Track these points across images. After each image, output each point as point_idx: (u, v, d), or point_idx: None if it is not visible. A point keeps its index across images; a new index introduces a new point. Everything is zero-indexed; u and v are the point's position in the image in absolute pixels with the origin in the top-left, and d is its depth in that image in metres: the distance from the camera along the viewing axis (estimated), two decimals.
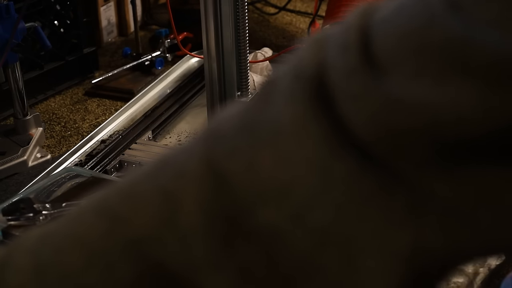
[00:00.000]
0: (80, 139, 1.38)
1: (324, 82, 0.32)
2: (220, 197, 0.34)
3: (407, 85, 0.29)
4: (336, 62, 0.31)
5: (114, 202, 0.37)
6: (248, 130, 0.34)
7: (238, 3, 1.10)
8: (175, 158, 0.37)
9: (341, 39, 0.32)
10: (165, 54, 1.70)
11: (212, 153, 0.35)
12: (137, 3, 1.86)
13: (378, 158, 0.30)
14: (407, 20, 0.30)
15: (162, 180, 0.36)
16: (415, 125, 0.29)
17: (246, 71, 1.16)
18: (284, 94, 0.33)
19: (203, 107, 1.33)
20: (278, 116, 0.33)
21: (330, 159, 0.31)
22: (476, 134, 0.28)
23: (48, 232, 0.40)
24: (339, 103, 0.31)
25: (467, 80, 0.27)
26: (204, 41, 1.12)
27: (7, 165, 1.28)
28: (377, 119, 0.30)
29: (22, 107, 1.37)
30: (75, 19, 1.61)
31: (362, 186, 0.31)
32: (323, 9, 1.70)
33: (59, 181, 1.05)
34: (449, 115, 0.28)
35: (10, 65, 1.32)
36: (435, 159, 0.29)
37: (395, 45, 0.30)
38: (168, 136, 1.42)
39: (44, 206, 0.90)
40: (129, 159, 1.29)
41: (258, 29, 1.98)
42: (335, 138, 0.31)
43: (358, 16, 0.33)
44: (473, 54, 0.27)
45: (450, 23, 0.28)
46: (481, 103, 0.27)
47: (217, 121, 0.37)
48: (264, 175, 0.33)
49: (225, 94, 1.16)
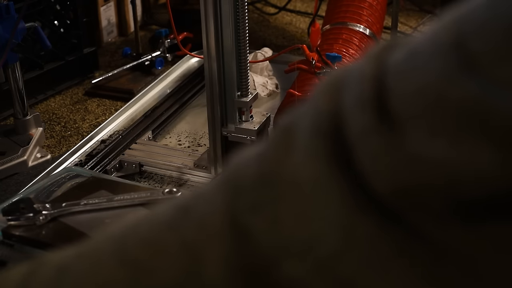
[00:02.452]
0: (80, 139, 1.38)
1: (342, 137, 0.32)
2: (242, 251, 0.34)
3: (424, 143, 0.29)
4: (353, 119, 0.32)
5: (135, 249, 0.38)
6: (268, 182, 0.34)
7: (238, 3, 1.10)
8: (195, 207, 0.37)
9: (357, 89, 0.32)
10: (165, 54, 1.70)
11: (233, 207, 0.35)
12: (137, 3, 1.86)
13: (396, 215, 0.31)
14: (422, 73, 0.30)
15: (184, 231, 0.36)
16: (433, 181, 0.29)
17: (246, 71, 1.16)
18: (302, 148, 0.33)
19: (203, 107, 1.33)
20: (298, 171, 0.33)
21: (350, 219, 0.32)
22: (493, 193, 0.28)
23: (67, 266, 0.40)
24: (358, 161, 0.31)
25: (483, 141, 0.27)
26: (204, 41, 1.11)
27: (7, 165, 1.28)
28: (395, 176, 0.30)
29: (22, 107, 1.37)
30: (75, 19, 1.61)
31: (383, 247, 0.31)
32: (323, 9, 1.70)
33: (59, 181, 1.05)
34: (465, 174, 0.28)
35: (10, 65, 1.32)
36: (453, 216, 0.30)
37: (411, 100, 0.30)
38: (168, 136, 1.42)
39: (44, 206, 0.90)
40: (129, 159, 1.29)
41: (258, 29, 1.97)
42: (353, 197, 0.31)
43: (373, 62, 0.32)
44: (489, 116, 0.27)
45: (467, 82, 0.28)
46: (498, 164, 0.27)
47: (235, 167, 0.37)
48: (287, 230, 0.33)
49: (225, 94, 1.16)
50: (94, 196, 0.94)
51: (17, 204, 0.90)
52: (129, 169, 1.28)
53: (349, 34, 1.48)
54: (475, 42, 0.28)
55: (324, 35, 1.47)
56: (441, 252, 0.31)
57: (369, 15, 1.53)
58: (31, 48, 1.49)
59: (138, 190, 0.96)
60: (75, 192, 0.97)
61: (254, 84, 1.46)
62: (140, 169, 1.28)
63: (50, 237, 0.87)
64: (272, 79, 1.55)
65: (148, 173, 1.27)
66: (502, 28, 0.27)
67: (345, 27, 1.50)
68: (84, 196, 0.94)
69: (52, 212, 0.90)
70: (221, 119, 1.18)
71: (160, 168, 1.27)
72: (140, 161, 1.28)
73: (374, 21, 1.54)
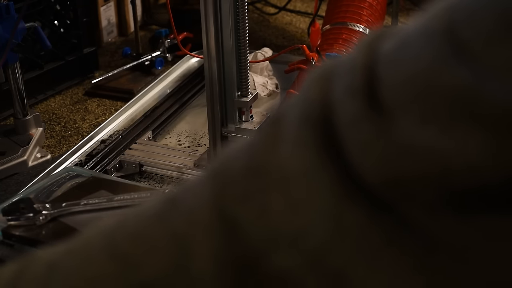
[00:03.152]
0: (80, 139, 1.38)
1: (331, 127, 0.32)
2: (231, 243, 0.34)
3: (415, 131, 0.29)
4: (343, 107, 0.31)
5: (124, 243, 0.38)
6: (256, 173, 0.34)
7: (238, 3, 1.10)
8: (184, 200, 0.37)
9: (347, 78, 0.32)
10: (165, 54, 1.70)
11: (221, 198, 0.35)
12: (137, 3, 1.86)
13: (387, 204, 0.30)
14: (414, 62, 0.29)
15: (172, 224, 0.36)
16: (424, 171, 0.29)
17: (246, 71, 1.16)
18: (291, 139, 0.33)
19: (203, 107, 1.33)
20: (286, 162, 0.33)
21: (339, 208, 0.31)
22: (486, 183, 0.28)
23: (57, 263, 0.40)
24: (347, 150, 0.31)
25: (475, 128, 0.27)
26: (204, 41, 1.11)
27: (7, 165, 1.28)
28: (386, 166, 0.30)
29: (22, 107, 1.37)
30: (75, 19, 1.61)
31: (372, 236, 0.31)
32: (323, 9, 1.70)
33: (59, 181, 1.05)
34: (457, 163, 0.28)
35: (10, 65, 1.32)
36: (444, 206, 0.29)
37: (402, 89, 0.29)
38: (168, 136, 1.42)
39: (44, 206, 0.90)
40: (129, 159, 1.29)
41: (258, 29, 1.97)
42: (343, 186, 0.31)
43: (364, 51, 0.32)
44: (482, 103, 0.27)
45: (459, 69, 0.27)
46: (490, 152, 0.27)
47: (223, 160, 0.37)
48: (276, 221, 0.33)
49: (225, 94, 1.16)
50: (94, 196, 0.94)
51: (17, 204, 0.91)
52: (129, 169, 1.28)
53: (349, 34, 1.48)
54: (466, 30, 0.28)
55: (324, 35, 1.47)
56: (432, 242, 0.30)
57: (369, 15, 1.53)
58: (31, 48, 1.49)
59: (138, 190, 0.96)
60: (75, 192, 0.97)
61: (254, 84, 1.46)
62: (140, 169, 1.28)
63: (50, 237, 0.87)
64: (272, 79, 1.55)
65: (148, 173, 1.27)
66: (492, 16, 0.27)
67: (345, 27, 1.50)
68: (84, 196, 0.94)
69: (52, 212, 0.90)
70: (221, 119, 1.18)
71: (160, 168, 1.27)
72: (140, 161, 1.28)
73: (374, 21, 1.54)
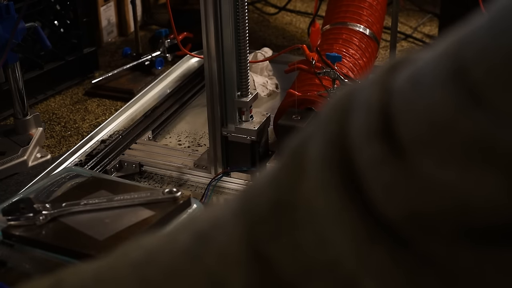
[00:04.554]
0: (80, 139, 1.38)
1: (351, 168, 0.32)
2: (265, 279, 0.35)
3: (435, 171, 0.29)
4: (362, 150, 0.32)
5: (157, 280, 0.38)
6: (284, 210, 0.35)
7: (238, 3, 1.10)
8: (215, 238, 0.38)
9: (363, 116, 0.32)
10: (165, 54, 1.71)
11: (252, 236, 0.36)
12: (137, 3, 1.86)
13: (407, 241, 0.31)
14: (428, 103, 0.30)
15: (205, 262, 0.37)
16: (445, 207, 0.30)
17: (246, 71, 1.16)
18: (313, 178, 0.34)
19: (203, 107, 1.33)
20: (311, 199, 0.34)
21: (362, 246, 0.32)
22: (503, 221, 0.29)
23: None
24: (369, 190, 0.32)
25: (491, 171, 0.28)
26: (204, 41, 1.11)
27: (7, 165, 1.28)
28: (407, 203, 0.31)
29: (22, 107, 1.37)
30: (75, 19, 1.61)
31: (395, 272, 0.32)
32: (323, 9, 1.70)
33: (59, 181, 1.05)
34: (476, 201, 0.29)
35: (10, 65, 1.32)
36: (463, 241, 0.30)
37: (419, 130, 0.30)
38: (168, 136, 1.42)
39: (44, 206, 0.90)
40: (129, 159, 1.29)
41: (258, 29, 1.98)
42: (364, 226, 0.32)
43: (378, 87, 0.33)
44: (495, 145, 0.28)
45: (473, 114, 0.28)
46: (505, 192, 0.28)
47: (248, 194, 0.38)
48: (308, 256, 0.34)
49: (225, 94, 1.16)
50: (94, 196, 0.94)
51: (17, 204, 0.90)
52: (129, 169, 1.28)
53: (349, 34, 1.48)
54: (476, 70, 0.28)
55: (324, 35, 1.47)
56: (453, 277, 0.31)
57: (369, 15, 1.53)
58: (31, 48, 1.49)
59: (138, 190, 0.96)
60: (75, 192, 0.97)
61: (254, 84, 1.46)
62: (140, 169, 1.28)
63: (50, 237, 0.87)
64: (272, 79, 1.55)
65: (148, 173, 1.27)
66: (501, 54, 0.27)
67: (345, 27, 1.50)
68: (84, 196, 0.94)
69: (52, 212, 0.90)
70: (221, 119, 1.18)
71: (160, 168, 1.27)
72: (140, 161, 1.28)
73: (374, 21, 1.54)
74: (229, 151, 1.21)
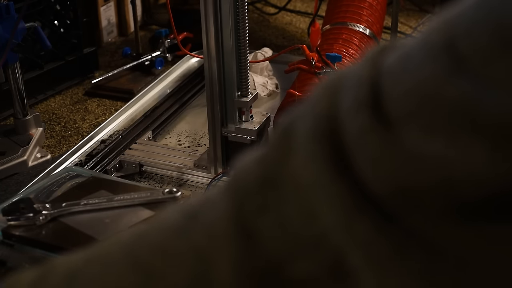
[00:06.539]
0: (80, 139, 1.38)
1: (339, 140, 0.33)
2: (251, 254, 0.35)
3: (422, 141, 0.30)
4: (350, 121, 0.32)
5: (145, 255, 0.39)
6: (272, 185, 0.35)
7: (238, 3, 1.10)
8: (203, 214, 0.38)
9: (353, 91, 0.33)
10: (165, 54, 1.70)
11: (240, 211, 0.36)
12: (137, 3, 1.86)
13: (394, 215, 0.31)
14: (415, 74, 0.30)
15: (193, 237, 0.37)
16: (431, 181, 0.30)
17: (246, 71, 1.15)
18: (302, 152, 0.34)
19: (203, 107, 1.33)
20: (299, 174, 0.34)
21: (350, 219, 0.32)
22: (490, 193, 0.29)
23: (76, 273, 0.41)
24: (355, 163, 0.32)
25: (476, 139, 0.28)
26: (204, 41, 1.11)
27: (7, 165, 1.28)
28: (393, 177, 0.31)
29: (22, 107, 1.37)
30: (75, 19, 1.61)
31: (381, 246, 0.32)
32: (323, 9, 1.70)
33: (59, 181, 1.05)
34: (462, 173, 0.29)
35: (10, 65, 1.32)
36: (450, 216, 0.30)
37: (405, 101, 0.30)
38: (168, 136, 1.42)
39: (44, 206, 0.90)
40: (129, 159, 1.29)
41: (258, 29, 1.97)
42: (352, 199, 0.32)
43: (369, 64, 0.33)
44: (481, 113, 0.28)
45: (459, 82, 0.28)
46: (492, 163, 0.28)
47: (238, 173, 0.38)
48: (295, 230, 0.34)
49: (225, 94, 1.16)
50: (94, 196, 0.94)
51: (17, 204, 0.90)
52: (129, 169, 1.28)
53: (349, 34, 1.48)
54: (464, 43, 0.29)
55: (324, 35, 1.47)
56: (437, 256, 0.31)
57: (369, 15, 1.53)
58: (31, 48, 1.49)
59: (138, 190, 0.96)
60: (75, 192, 0.97)
61: (254, 84, 1.46)
62: (140, 169, 1.28)
63: (50, 237, 0.88)
64: (272, 79, 1.55)
65: (148, 173, 1.27)
66: (489, 29, 0.28)
67: (345, 27, 1.50)
68: (84, 196, 0.94)
69: (52, 212, 0.90)
70: (221, 119, 1.18)
71: (160, 168, 1.27)
72: (140, 161, 1.28)
73: (374, 21, 1.54)
74: (229, 151, 1.21)
